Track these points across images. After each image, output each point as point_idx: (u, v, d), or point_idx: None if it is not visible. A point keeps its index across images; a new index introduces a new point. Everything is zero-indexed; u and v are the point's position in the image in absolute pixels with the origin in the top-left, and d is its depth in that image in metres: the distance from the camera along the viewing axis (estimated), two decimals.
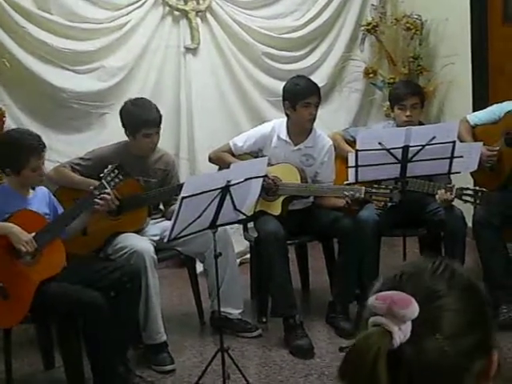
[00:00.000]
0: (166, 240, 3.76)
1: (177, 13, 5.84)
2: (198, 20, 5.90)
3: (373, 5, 6.45)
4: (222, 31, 6.02)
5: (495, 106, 5.01)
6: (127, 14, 5.71)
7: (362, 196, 4.27)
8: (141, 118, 4.36)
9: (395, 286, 1.20)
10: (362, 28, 6.41)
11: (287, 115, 4.70)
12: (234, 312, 4.62)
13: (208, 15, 5.96)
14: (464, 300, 1.20)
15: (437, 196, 4.34)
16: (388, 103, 5.16)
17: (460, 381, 1.18)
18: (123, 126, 4.43)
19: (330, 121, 6.12)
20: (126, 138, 4.48)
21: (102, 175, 4.02)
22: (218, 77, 6.04)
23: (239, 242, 5.38)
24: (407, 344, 1.13)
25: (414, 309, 1.14)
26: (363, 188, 4.23)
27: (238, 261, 5.50)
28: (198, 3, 5.87)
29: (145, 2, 5.74)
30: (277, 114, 4.92)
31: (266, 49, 6.20)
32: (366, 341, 1.13)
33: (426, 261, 1.26)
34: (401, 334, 1.13)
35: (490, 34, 5.87)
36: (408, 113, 4.66)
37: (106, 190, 3.99)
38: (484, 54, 5.91)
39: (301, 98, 4.57)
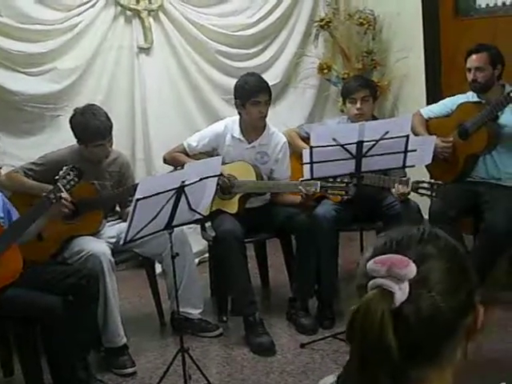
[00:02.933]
0: (121, 242, 3.73)
1: (129, 13, 5.79)
2: (151, 19, 5.86)
3: (326, 0, 6.46)
4: (176, 30, 5.98)
5: (448, 99, 5.06)
6: (79, 15, 5.63)
7: (318, 190, 4.29)
8: (90, 130, 4.28)
9: (389, 251, 1.26)
10: (316, 24, 6.43)
11: (239, 113, 4.70)
12: (194, 312, 4.61)
13: (161, 14, 5.92)
14: (451, 260, 1.28)
15: (393, 190, 4.37)
16: None
17: (454, 335, 1.25)
18: (74, 135, 4.38)
19: (285, 117, 6.13)
20: None
21: (56, 177, 3.97)
22: (172, 76, 6.01)
23: (197, 242, 5.37)
24: (405, 303, 1.19)
25: (412, 268, 1.21)
26: (318, 182, 4.24)
27: (197, 260, 5.51)
28: (150, 2, 5.83)
29: (96, 3, 5.68)
30: (232, 112, 4.89)
31: (219, 47, 6.18)
32: (370, 303, 1.17)
33: (410, 228, 1.33)
34: (401, 293, 1.18)
35: (442, 27, 5.93)
36: (358, 105, 4.68)
37: (62, 194, 3.95)
38: (436, 47, 5.97)
39: (250, 96, 4.57)
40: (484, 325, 1.31)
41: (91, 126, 4.28)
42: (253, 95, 4.56)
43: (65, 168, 3.99)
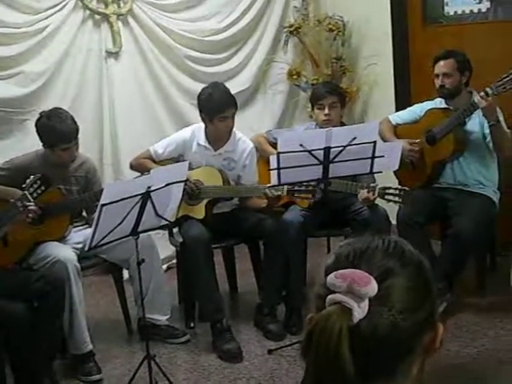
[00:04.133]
0: (86, 248, 3.70)
1: (97, 16, 5.75)
2: (120, 24, 5.83)
3: (295, 6, 6.47)
4: (144, 34, 5.96)
5: (416, 105, 5.09)
6: (47, 18, 5.59)
7: (284, 193, 4.28)
8: (56, 134, 4.24)
9: (351, 265, 1.22)
10: (285, 30, 6.43)
11: (205, 123, 4.68)
12: (161, 318, 4.58)
13: (129, 19, 5.89)
14: (414, 277, 1.24)
15: (359, 195, 4.38)
16: None
17: (411, 352, 1.22)
18: (40, 139, 4.33)
19: (254, 123, 6.14)
20: None
21: (23, 186, 3.94)
22: (140, 80, 5.98)
23: (166, 247, 5.34)
24: (363, 319, 1.16)
25: (373, 286, 1.17)
26: (285, 187, 4.23)
27: (166, 266, 5.49)
28: (118, 7, 5.80)
29: (64, 6, 5.63)
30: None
31: (188, 52, 6.16)
32: (328, 319, 1.15)
33: (375, 238, 1.29)
34: (360, 311, 1.15)
35: (411, 34, 5.96)
36: (326, 111, 4.69)
37: (30, 203, 3.92)
38: (405, 54, 6.00)
39: (217, 112, 4.52)
40: (442, 342, 1.28)
41: (57, 130, 4.24)
42: (219, 112, 4.52)
43: (32, 177, 3.94)
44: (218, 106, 4.52)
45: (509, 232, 5.15)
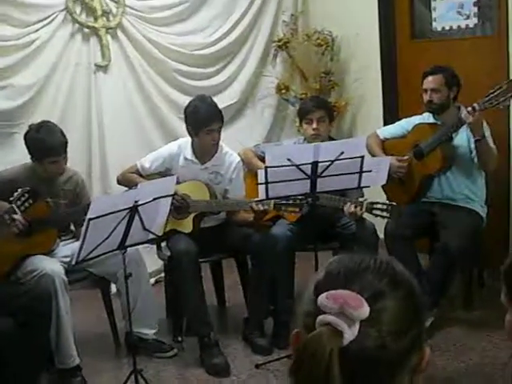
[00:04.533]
0: (73, 262, 3.69)
1: (86, 30, 5.75)
2: (109, 37, 5.83)
3: (284, 21, 6.49)
4: (133, 48, 5.95)
5: (404, 120, 5.12)
6: (36, 32, 5.57)
7: (271, 207, 4.28)
8: (45, 147, 4.23)
9: (342, 285, 1.21)
10: (274, 44, 6.46)
11: (191, 137, 4.68)
12: (149, 332, 4.57)
13: (119, 32, 5.89)
14: (405, 299, 1.23)
15: (345, 208, 4.38)
16: None
17: (398, 374, 1.22)
18: (28, 152, 4.33)
19: (243, 137, 6.15)
20: None
21: (11, 199, 3.93)
22: (129, 94, 5.97)
23: (154, 261, 5.33)
24: (353, 341, 1.15)
25: (365, 309, 1.17)
26: (272, 201, 4.24)
27: (153, 280, 5.48)
28: (108, 20, 5.80)
29: (54, 19, 5.62)
30: None
31: (177, 65, 6.17)
32: (318, 341, 1.14)
33: (366, 258, 1.28)
34: (351, 333, 1.15)
35: (399, 49, 6.00)
36: (315, 125, 4.70)
37: (16, 216, 3.91)
38: (393, 69, 6.03)
39: (203, 125, 4.53)
40: (428, 364, 1.27)
41: (46, 143, 4.24)
42: (205, 125, 4.52)
43: (20, 190, 3.94)
44: (203, 120, 4.53)
45: (496, 246, 5.16)
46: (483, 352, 4.28)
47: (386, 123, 5.72)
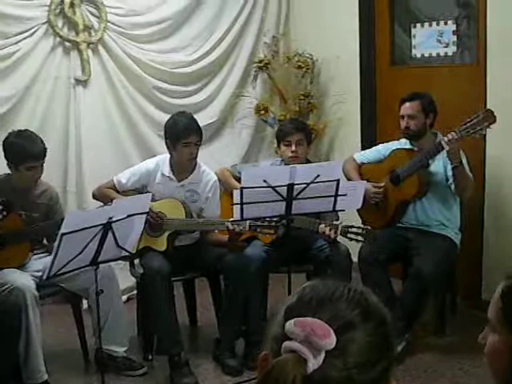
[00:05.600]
0: (44, 277, 3.66)
1: (68, 44, 5.73)
2: (90, 52, 5.82)
3: (265, 42, 6.52)
4: (114, 64, 5.94)
5: (381, 145, 5.14)
6: (16, 43, 5.55)
7: (247, 228, 4.28)
8: (25, 150, 4.25)
9: (312, 312, 1.21)
10: (255, 65, 6.47)
11: (170, 152, 4.68)
12: (119, 350, 4.53)
13: (100, 47, 5.88)
14: (375, 331, 1.22)
15: (320, 227, 4.38)
16: None
17: None
18: (5, 157, 4.32)
19: (220, 156, 6.15)
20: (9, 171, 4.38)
21: None
22: (108, 110, 5.96)
23: (127, 278, 5.29)
24: (317, 370, 1.15)
25: (331, 340, 1.16)
26: (247, 222, 4.23)
27: (126, 297, 5.44)
28: (89, 35, 5.79)
29: (35, 32, 5.61)
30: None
31: (157, 83, 6.17)
32: (283, 368, 1.14)
33: (340, 286, 1.27)
34: (315, 362, 1.14)
35: (378, 74, 6.04)
36: (293, 148, 4.71)
37: None
38: (372, 93, 6.07)
39: (180, 138, 4.54)
40: None
41: (26, 147, 4.25)
42: (183, 137, 4.54)
43: None
44: (181, 132, 4.54)
45: (469, 273, 5.19)
46: (454, 378, 4.29)
47: (363, 147, 5.75)
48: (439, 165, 4.73)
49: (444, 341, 4.84)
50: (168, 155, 4.70)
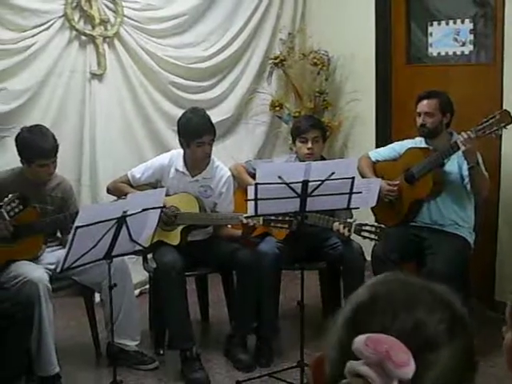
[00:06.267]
0: (58, 270, 3.67)
1: (84, 38, 5.74)
2: (106, 46, 5.82)
3: (281, 39, 6.50)
4: (130, 58, 5.95)
5: (396, 143, 5.12)
6: (32, 37, 5.56)
7: (260, 223, 4.28)
8: (36, 148, 4.25)
9: (387, 322, 1.02)
10: (270, 61, 6.46)
11: (183, 148, 4.68)
12: (131, 344, 4.54)
13: (116, 42, 5.88)
14: (461, 352, 1.05)
15: (334, 225, 4.38)
16: None
17: None
18: (18, 153, 4.33)
19: (235, 152, 6.13)
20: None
21: (1, 204, 3.91)
22: (123, 104, 5.96)
23: (139, 272, 5.31)
24: None
25: (410, 369, 0.96)
26: (261, 216, 4.23)
27: (138, 291, 5.45)
28: (105, 29, 5.80)
29: (51, 25, 5.62)
30: None
31: (173, 78, 6.16)
32: None
33: (417, 285, 1.10)
34: None
35: (394, 72, 6.01)
36: (309, 145, 4.70)
37: (6, 222, 3.90)
38: (388, 91, 6.05)
39: (194, 137, 4.53)
40: None
41: (37, 145, 4.24)
42: (197, 137, 4.53)
43: (10, 195, 3.92)
44: (195, 132, 4.53)
45: (483, 273, 5.17)
46: None
47: (378, 146, 5.72)
48: (454, 164, 4.71)
49: None
50: (182, 150, 4.70)
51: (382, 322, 1.02)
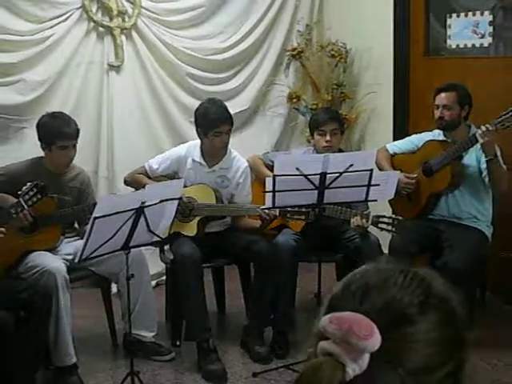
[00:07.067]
0: (76, 260, 3.69)
1: (101, 29, 5.75)
2: (123, 37, 5.83)
3: (299, 31, 6.49)
4: (147, 50, 5.95)
5: (414, 136, 5.09)
6: (51, 28, 5.58)
7: (278, 214, 4.28)
8: (57, 129, 4.29)
9: (355, 304, 1.03)
10: (288, 53, 6.45)
11: (200, 139, 4.68)
12: (148, 335, 4.55)
13: (133, 33, 5.89)
14: (439, 327, 1.04)
15: (352, 220, 4.37)
16: None
17: None
18: (39, 138, 4.35)
19: (252, 144, 6.11)
20: (42, 155, 4.41)
21: (19, 193, 3.93)
22: (140, 95, 5.97)
23: (156, 264, 5.32)
24: (361, 376, 0.97)
25: (375, 341, 0.97)
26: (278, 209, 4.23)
27: (155, 282, 5.46)
28: (123, 20, 5.80)
29: (69, 17, 5.63)
30: None
31: (190, 69, 6.16)
32: (316, 373, 0.96)
33: (394, 270, 1.08)
34: (356, 367, 0.96)
35: (412, 65, 5.98)
36: (328, 138, 4.69)
37: (24, 211, 3.92)
38: (405, 84, 6.02)
39: (212, 127, 4.53)
40: None
41: (59, 126, 4.30)
42: (215, 126, 4.53)
43: (29, 184, 3.94)
44: (213, 121, 4.53)
45: (500, 267, 5.14)
46: (482, 373, 4.25)
47: (395, 138, 5.70)
48: (472, 157, 4.69)
49: (473, 335, 4.78)
50: (199, 141, 4.71)
51: (352, 305, 1.03)
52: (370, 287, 1.05)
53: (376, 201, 4.22)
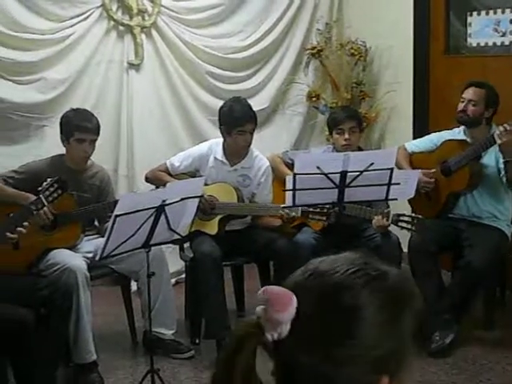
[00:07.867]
0: (97, 258, 3.70)
1: (121, 28, 5.78)
2: (143, 36, 5.85)
3: (318, 29, 6.48)
4: (167, 48, 5.97)
5: (434, 134, 5.07)
6: (71, 27, 5.61)
7: (299, 214, 4.27)
8: (77, 122, 4.35)
9: (297, 283, 1.13)
10: (307, 52, 6.44)
11: (223, 137, 4.68)
12: (167, 332, 4.56)
13: (153, 32, 5.91)
14: (382, 312, 1.10)
15: (373, 221, 4.36)
16: None
17: None
18: (60, 132, 4.41)
19: (271, 143, 6.11)
20: (63, 152, 4.44)
21: (40, 189, 3.94)
22: (160, 94, 5.98)
23: (176, 262, 5.33)
24: (280, 343, 1.08)
25: (284, 316, 1.07)
26: (300, 208, 4.22)
27: (174, 280, 5.46)
28: (143, 19, 5.82)
29: (89, 16, 5.67)
30: (218, 133, 4.86)
31: (210, 68, 6.17)
32: (242, 328, 1.10)
33: (348, 260, 1.15)
34: (274, 333, 1.07)
35: (432, 63, 5.95)
36: (346, 136, 4.68)
37: (44, 208, 3.93)
38: (425, 83, 5.99)
39: (236, 125, 4.54)
40: None
41: (79, 119, 4.36)
42: (239, 125, 4.54)
43: (49, 180, 3.96)
44: (237, 120, 4.54)
45: None
46: (503, 372, 4.24)
47: (415, 137, 5.67)
48: (491, 157, 4.66)
49: (492, 334, 4.78)
50: (221, 139, 4.71)
51: (300, 279, 1.14)
52: (318, 272, 1.14)
53: (396, 199, 4.21)
